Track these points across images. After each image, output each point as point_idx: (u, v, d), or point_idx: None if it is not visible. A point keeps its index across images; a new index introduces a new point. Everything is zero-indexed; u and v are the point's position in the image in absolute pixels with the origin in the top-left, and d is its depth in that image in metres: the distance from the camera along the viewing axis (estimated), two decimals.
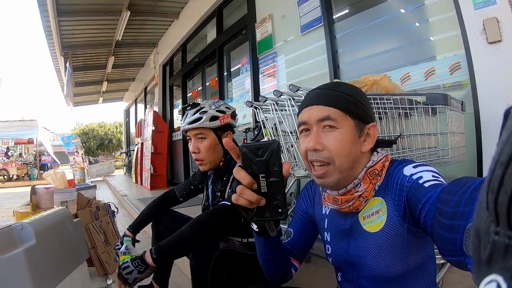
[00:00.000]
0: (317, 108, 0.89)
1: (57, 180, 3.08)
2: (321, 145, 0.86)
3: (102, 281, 2.38)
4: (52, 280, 1.36)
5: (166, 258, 1.22)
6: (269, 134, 2.00)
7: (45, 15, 5.91)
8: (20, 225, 1.30)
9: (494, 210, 0.20)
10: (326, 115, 0.87)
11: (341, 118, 0.87)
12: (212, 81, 6.19)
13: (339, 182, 0.88)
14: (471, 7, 2.06)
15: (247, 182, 0.68)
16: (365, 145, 0.90)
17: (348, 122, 0.87)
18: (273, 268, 1.00)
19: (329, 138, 0.86)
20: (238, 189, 0.69)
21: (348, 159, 0.86)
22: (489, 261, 0.21)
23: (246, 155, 0.69)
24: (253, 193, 0.68)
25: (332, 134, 0.86)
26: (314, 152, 0.87)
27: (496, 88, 1.98)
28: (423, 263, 0.88)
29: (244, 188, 0.68)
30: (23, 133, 16.47)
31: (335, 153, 0.85)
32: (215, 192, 1.69)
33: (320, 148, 0.86)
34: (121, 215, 4.75)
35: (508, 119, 0.21)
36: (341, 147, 0.85)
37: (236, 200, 0.70)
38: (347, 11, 3.28)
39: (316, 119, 0.88)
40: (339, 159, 0.85)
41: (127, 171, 13.07)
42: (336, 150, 0.85)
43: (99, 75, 10.93)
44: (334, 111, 0.87)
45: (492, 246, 0.20)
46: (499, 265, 0.20)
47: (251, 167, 0.69)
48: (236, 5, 5.25)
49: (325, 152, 0.86)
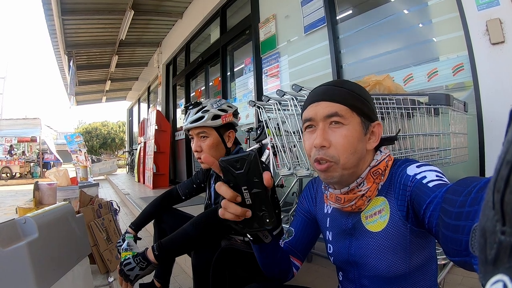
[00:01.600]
0: (325, 104, 0.87)
1: (60, 177, 3.11)
2: (328, 142, 0.85)
3: (104, 278, 2.38)
4: (54, 274, 1.37)
5: (168, 255, 1.23)
6: (272, 133, 2.00)
7: (49, 14, 5.94)
8: (23, 218, 1.31)
9: (500, 210, 0.20)
10: (334, 111, 0.86)
11: (349, 115, 0.86)
12: (216, 81, 6.21)
13: (343, 179, 0.87)
14: (474, 8, 2.06)
15: (229, 196, 0.68)
16: (370, 143, 0.89)
17: (355, 119, 0.86)
18: (273, 270, 1.00)
19: (336, 134, 0.85)
20: (223, 203, 0.69)
21: (354, 156, 0.85)
22: (495, 261, 0.21)
23: (226, 169, 0.69)
24: (237, 207, 0.69)
25: (339, 131, 0.85)
26: (320, 149, 0.86)
27: (499, 89, 1.97)
28: (425, 263, 0.88)
29: (227, 202, 0.69)
30: (26, 131, 16.54)
31: (341, 151, 0.84)
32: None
33: (327, 145, 0.85)
34: (123, 214, 4.77)
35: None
36: (348, 144, 0.85)
37: (223, 215, 0.70)
38: (350, 11, 3.28)
39: (323, 115, 0.87)
40: (344, 157, 0.84)
41: (130, 170, 13.08)
42: (342, 147, 0.84)
43: (102, 74, 10.98)
44: (341, 108, 0.86)
45: (499, 245, 0.20)
46: (505, 265, 0.20)
47: (233, 180, 0.69)
48: (240, 5, 5.27)
49: (331, 150, 0.85)
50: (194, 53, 7.32)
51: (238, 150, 1.66)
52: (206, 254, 1.37)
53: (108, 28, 7.25)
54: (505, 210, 0.20)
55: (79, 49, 8.17)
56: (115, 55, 8.80)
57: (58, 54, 8.25)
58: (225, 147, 1.60)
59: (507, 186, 0.20)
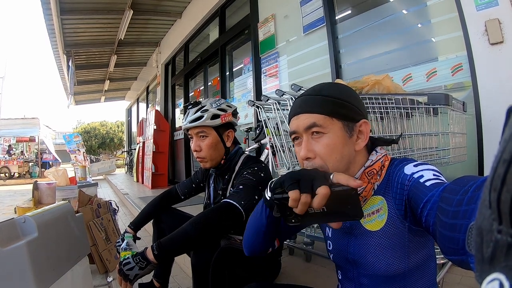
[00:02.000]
0: (304, 116, 0.88)
1: (59, 177, 3.10)
2: (313, 153, 0.86)
3: (103, 278, 2.38)
4: (53, 273, 1.36)
5: (167, 254, 1.22)
6: (271, 133, 2.00)
7: (48, 13, 5.93)
8: (22, 218, 1.30)
9: (497, 209, 0.20)
10: (312, 122, 0.86)
11: (328, 123, 0.86)
12: (214, 81, 6.20)
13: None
14: (473, 8, 2.06)
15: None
16: (359, 143, 0.89)
17: (335, 125, 0.86)
18: (259, 240, 0.99)
19: (319, 145, 0.86)
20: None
21: (341, 162, 0.86)
22: (491, 260, 0.21)
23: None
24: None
25: (321, 140, 0.86)
26: (307, 161, 0.87)
27: (497, 89, 1.98)
28: (424, 262, 0.88)
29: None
30: (25, 131, 16.49)
31: (327, 159, 0.85)
32: (217, 190, 1.69)
33: (312, 156, 0.86)
34: (122, 213, 4.76)
35: (511, 117, 0.21)
36: (331, 152, 0.85)
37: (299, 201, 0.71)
38: (349, 11, 3.29)
39: (303, 127, 0.88)
40: (331, 165, 0.85)
41: (129, 170, 13.07)
42: (326, 156, 0.85)
43: (101, 73, 10.97)
44: (319, 117, 0.86)
45: (495, 244, 0.20)
46: (501, 263, 0.20)
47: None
48: (239, 5, 5.27)
49: (317, 160, 0.86)
50: (193, 53, 7.32)
51: (237, 150, 1.66)
52: (205, 254, 1.37)
53: (107, 28, 7.24)
54: (502, 209, 0.20)
55: (78, 48, 8.15)
56: (114, 54, 8.79)
57: (57, 53, 8.23)
58: (224, 147, 1.60)
59: (503, 185, 0.20)
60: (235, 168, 1.62)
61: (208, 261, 1.32)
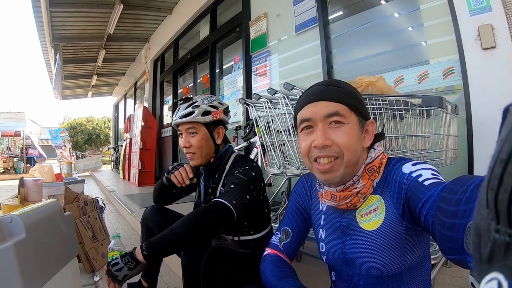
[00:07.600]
0: (324, 104, 0.87)
1: (45, 173, 3.03)
2: (330, 141, 0.85)
3: (89, 277, 2.32)
4: (42, 276, 1.31)
5: (157, 255, 1.19)
6: (262, 132, 1.99)
7: (37, 5, 5.83)
8: (9, 217, 1.24)
9: (494, 208, 0.21)
10: (335, 111, 0.85)
11: (349, 114, 0.86)
12: (204, 78, 6.17)
13: (344, 177, 0.87)
14: (467, 13, 2.08)
15: None
16: (366, 141, 0.90)
17: (354, 118, 0.87)
18: None
19: (338, 133, 0.85)
20: None
21: (355, 154, 0.86)
22: (490, 259, 0.21)
23: None
24: None
25: (341, 129, 0.85)
26: (322, 149, 0.86)
27: (489, 93, 2.00)
28: (419, 261, 0.88)
29: None
30: (10, 126, 16.14)
31: (345, 148, 0.84)
32: (207, 189, 1.67)
33: (329, 144, 0.85)
34: (108, 211, 4.68)
35: (508, 117, 0.21)
36: (351, 141, 0.85)
37: None
38: (342, 12, 3.29)
39: (323, 114, 0.86)
40: (348, 153, 0.85)
41: (115, 166, 12.92)
42: (346, 145, 0.84)
43: (89, 68, 10.84)
44: (342, 107, 0.86)
45: (493, 244, 0.21)
46: (500, 263, 0.20)
47: None
48: (231, 3, 5.24)
49: (334, 147, 0.85)
50: (183, 50, 7.27)
51: (227, 148, 1.64)
52: (196, 254, 1.35)
53: (96, 22, 7.14)
54: (499, 209, 0.20)
55: (66, 42, 8.03)
56: (102, 49, 8.68)
57: (45, 47, 8.11)
58: (214, 144, 1.58)
59: (500, 184, 0.20)
60: (226, 167, 1.59)
61: (199, 261, 1.29)
